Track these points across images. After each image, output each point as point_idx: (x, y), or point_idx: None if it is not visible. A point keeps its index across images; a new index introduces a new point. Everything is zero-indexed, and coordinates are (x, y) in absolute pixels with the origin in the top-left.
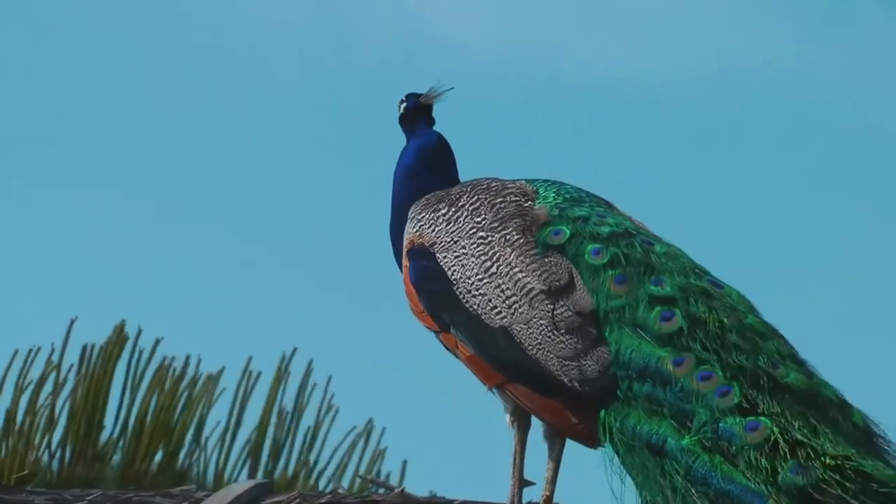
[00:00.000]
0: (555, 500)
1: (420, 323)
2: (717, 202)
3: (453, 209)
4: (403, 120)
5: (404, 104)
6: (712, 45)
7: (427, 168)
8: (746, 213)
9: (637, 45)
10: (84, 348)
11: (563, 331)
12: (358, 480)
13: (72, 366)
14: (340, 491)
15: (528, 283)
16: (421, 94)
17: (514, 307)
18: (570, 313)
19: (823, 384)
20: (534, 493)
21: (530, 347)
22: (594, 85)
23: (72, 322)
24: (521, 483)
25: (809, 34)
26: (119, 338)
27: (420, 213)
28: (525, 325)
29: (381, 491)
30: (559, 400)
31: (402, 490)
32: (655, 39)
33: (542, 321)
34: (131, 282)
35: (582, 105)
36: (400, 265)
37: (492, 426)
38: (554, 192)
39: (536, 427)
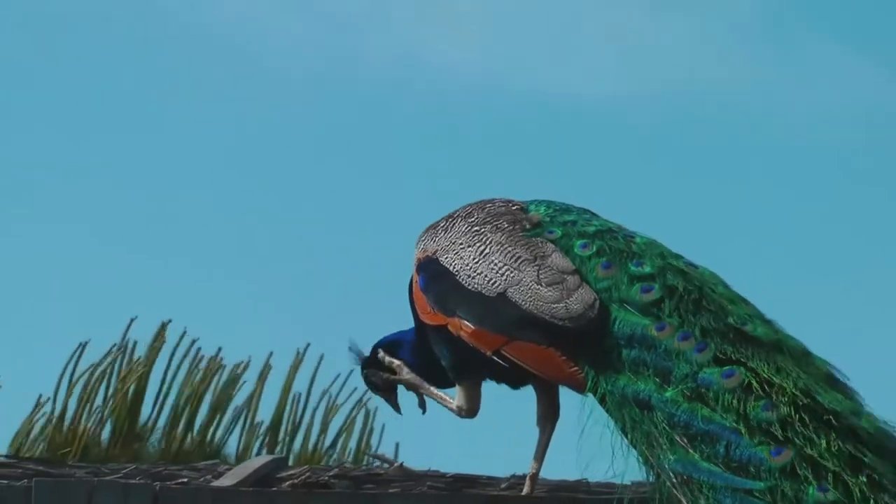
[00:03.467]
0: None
1: (429, 322)
2: (684, 213)
3: (449, 221)
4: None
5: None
6: (677, 63)
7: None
8: (709, 223)
9: (608, 64)
10: (126, 343)
11: (545, 284)
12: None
13: (116, 358)
14: (346, 465)
15: (516, 252)
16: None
17: (505, 274)
18: (551, 271)
19: (789, 336)
20: (522, 466)
21: (523, 303)
22: (571, 102)
23: (131, 321)
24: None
25: (766, 54)
26: (161, 336)
27: (422, 237)
28: (517, 286)
29: (383, 465)
30: (554, 347)
31: (402, 464)
32: (624, 59)
33: (529, 280)
34: (173, 280)
35: (560, 121)
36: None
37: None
38: (545, 206)
39: (529, 414)
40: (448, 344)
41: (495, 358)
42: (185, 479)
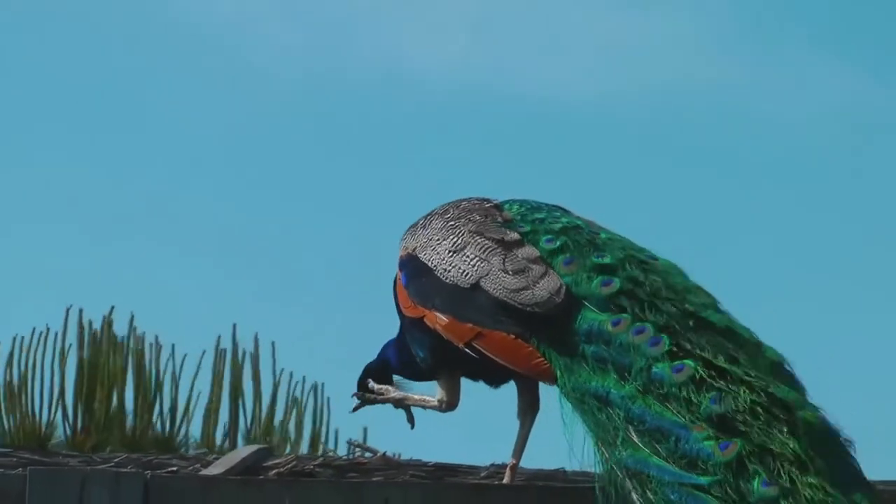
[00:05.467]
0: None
1: (410, 315)
2: (665, 211)
3: (427, 219)
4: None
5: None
6: (658, 65)
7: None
8: (691, 221)
9: (590, 66)
10: (81, 331)
11: (511, 272)
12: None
13: (70, 345)
14: (331, 454)
15: (484, 243)
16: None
17: (476, 266)
18: (517, 259)
19: (741, 325)
20: (502, 456)
21: (494, 291)
22: (554, 103)
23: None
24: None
25: (744, 56)
26: (109, 324)
27: (404, 236)
28: (486, 275)
29: (366, 455)
30: (522, 337)
31: (384, 454)
32: (606, 61)
33: (496, 268)
34: (121, 268)
35: (543, 122)
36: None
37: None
38: (517, 205)
39: (509, 406)
40: (425, 337)
41: (467, 350)
42: (175, 468)
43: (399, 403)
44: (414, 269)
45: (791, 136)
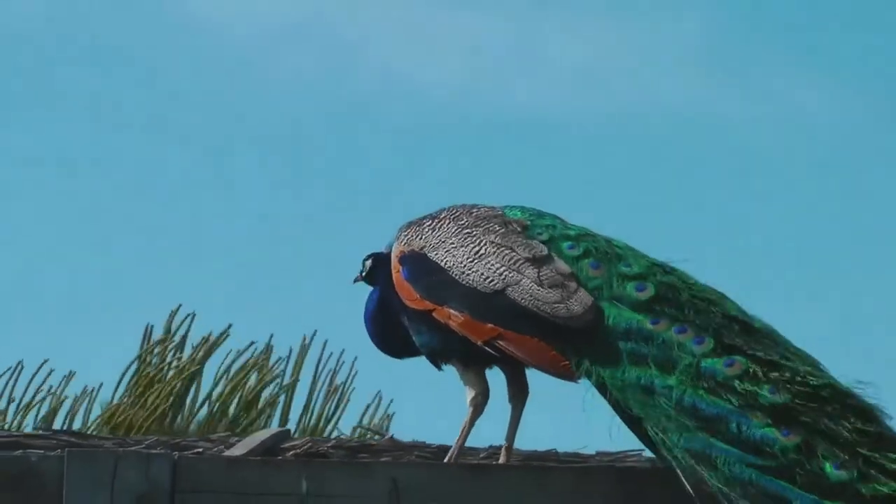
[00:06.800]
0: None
1: (415, 307)
2: (639, 224)
3: (436, 221)
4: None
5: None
6: (636, 87)
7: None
8: (662, 235)
9: (570, 84)
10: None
11: (547, 285)
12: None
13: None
14: (343, 437)
15: (514, 255)
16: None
17: (504, 275)
18: (552, 273)
19: (776, 330)
20: (497, 438)
21: (522, 300)
22: (536, 119)
23: (178, 312)
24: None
25: (720, 78)
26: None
27: (405, 231)
28: (516, 285)
29: (376, 438)
30: (547, 341)
31: (392, 436)
32: (585, 82)
33: (529, 281)
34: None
35: (528, 137)
36: (380, 344)
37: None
38: (519, 210)
39: (500, 393)
40: (432, 329)
41: (486, 348)
42: (201, 450)
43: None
44: (423, 268)
45: (759, 150)
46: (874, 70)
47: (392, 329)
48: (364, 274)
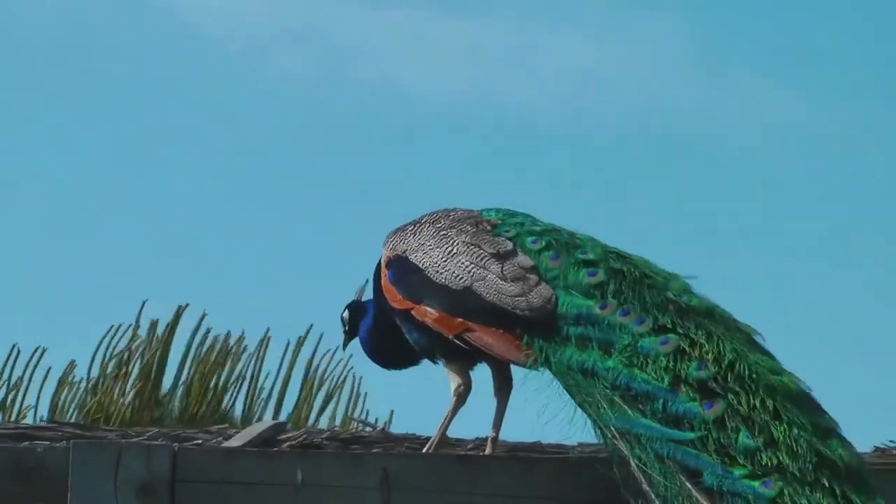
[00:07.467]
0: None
1: (398, 307)
2: (627, 223)
3: (417, 226)
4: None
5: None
6: (633, 89)
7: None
8: (648, 236)
9: (560, 89)
10: (152, 323)
11: (509, 279)
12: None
13: (141, 338)
14: (336, 429)
15: (481, 252)
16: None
17: (471, 271)
18: (514, 267)
19: (717, 306)
20: (484, 430)
21: (487, 295)
22: (525, 121)
23: (143, 303)
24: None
25: (700, 80)
26: (178, 317)
27: (391, 238)
28: (481, 281)
29: (367, 429)
30: (511, 332)
31: (383, 428)
32: (585, 86)
33: (493, 276)
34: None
35: (524, 141)
36: (375, 357)
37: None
38: (495, 211)
39: (486, 386)
40: (412, 325)
41: (456, 341)
42: (200, 441)
43: (443, 436)
44: (404, 269)
45: (738, 156)
46: (869, 76)
47: (387, 342)
48: (347, 328)
